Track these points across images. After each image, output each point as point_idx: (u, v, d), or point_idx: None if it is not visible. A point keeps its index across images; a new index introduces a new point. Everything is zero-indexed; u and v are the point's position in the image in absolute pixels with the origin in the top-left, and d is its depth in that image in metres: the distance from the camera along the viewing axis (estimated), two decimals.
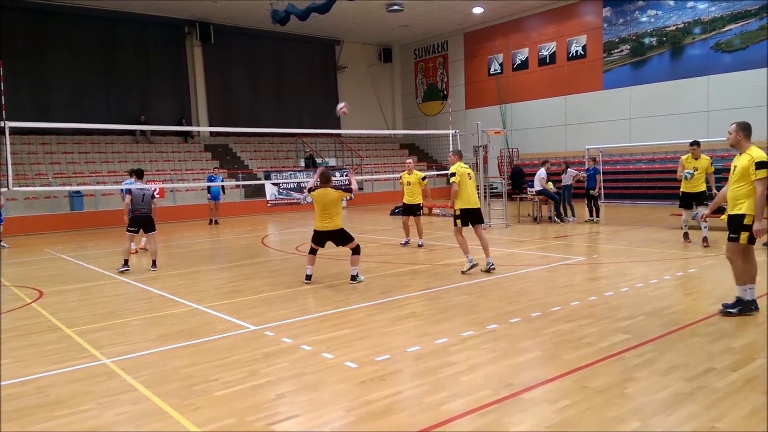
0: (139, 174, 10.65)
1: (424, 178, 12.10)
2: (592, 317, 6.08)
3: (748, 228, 5.76)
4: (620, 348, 5.04)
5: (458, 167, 8.92)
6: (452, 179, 8.84)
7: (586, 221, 15.41)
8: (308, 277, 8.43)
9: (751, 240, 5.84)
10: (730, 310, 5.93)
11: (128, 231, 10.24)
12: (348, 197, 8.51)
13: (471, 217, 8.95)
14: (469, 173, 8.99)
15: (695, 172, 10.74)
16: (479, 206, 9.09)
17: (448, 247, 11.83)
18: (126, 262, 10.15)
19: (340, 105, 11.82)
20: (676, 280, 7.87)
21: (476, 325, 5.93)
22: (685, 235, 11.04)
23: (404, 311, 6.65)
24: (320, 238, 8.45)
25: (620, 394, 4.07)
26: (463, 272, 8.77)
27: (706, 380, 4.27)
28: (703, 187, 10.87)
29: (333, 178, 8.60)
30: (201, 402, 4.20)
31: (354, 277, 8.37)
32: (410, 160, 12.84)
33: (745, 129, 5.97)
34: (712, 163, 11.04)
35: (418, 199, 12.01)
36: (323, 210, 8.29)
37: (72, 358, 5.33)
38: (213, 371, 4.83)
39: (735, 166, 5.95)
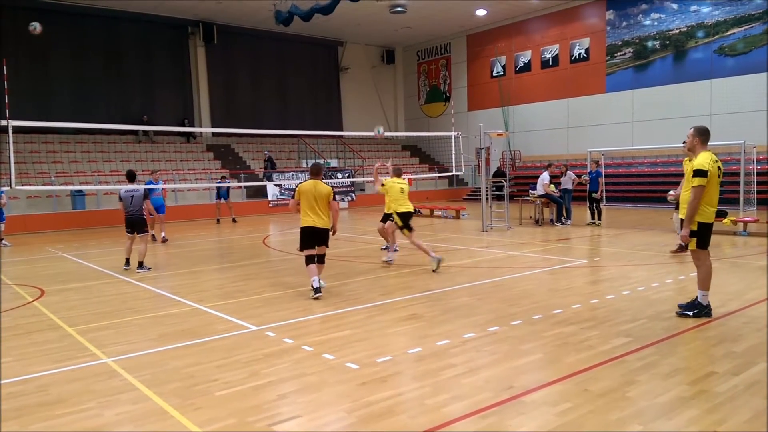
0: (128, 176, 10.48)
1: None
2: (594, 320, 6.08)
3: (695, 234, 5.92)
4: (622, 351, 5.03)
5: (389, 180, 10.17)
6: (381, 189, 10.21)
7: (587, 224, 15.40)
8: (318, 290, 7.44)
9: (701, 245, 5.97)
10: (686, 312, 6.08)
11: (126, 232, 10.42)
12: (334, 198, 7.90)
13: (406, 219, 9.77)
14: (401, 187, 9.98)
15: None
16: (407, 210, 9.83)
17: (451, 249, 11.82)
18: (127, 261, 10.34)
19: (380, 130, 13.21)
20: (678, 284, 7.86)
21: (477, 327, 5.92)
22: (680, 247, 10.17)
23: (405, 313, 6.65)
24: (310, 237, 7.64)
25: (622, 397, 4.07)
26: (433, 270, 9.24)
27: (707, 384, 4.26)
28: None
29: (336, 179, 8.51)
30: (202, 402, 4.20)
31: (318, 290, 7.49)
32: (388, 163, 12.46)
33: (701, 134, 6.05)
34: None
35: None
36: (312, 205, 7.60)
37: (73, 357, 5.34)
38: (214, 371, 4.83)
39: (687, 171, 6.12)
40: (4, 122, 9.69)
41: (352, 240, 14.01)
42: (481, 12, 26.81)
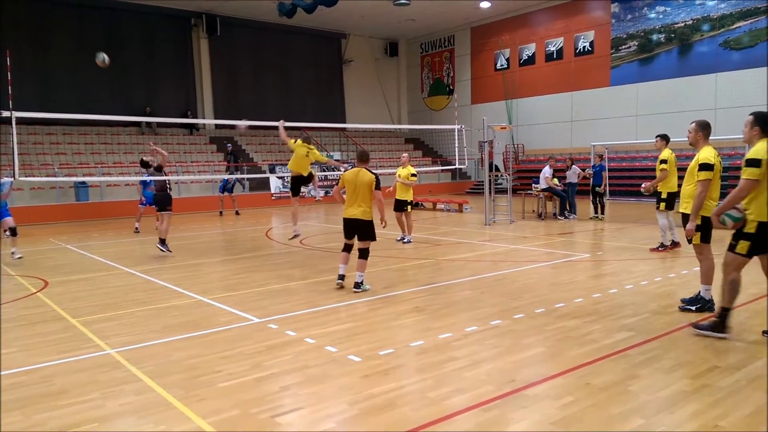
0: (142, 165, 11.82)
1: (414, 174, 11.93)
2: (596, 314, 6.08)
3: (699, 228, 5.92)
4: (624, 345, 5.04)
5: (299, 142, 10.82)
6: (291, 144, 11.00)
7: (591, 218, 15.38)
8: (340, 277, 7.55)
9: (703, 239, 5.99)
10: (688, 307, 6.12)
11: (156, 211, 11.34)
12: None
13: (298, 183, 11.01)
14: (307, 152, 10.78)
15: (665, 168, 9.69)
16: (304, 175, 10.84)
17: (453, 243, 11.83)
18: (161, 241, 10.98)
19: (101, 57, 11.89)
20: (681, 278, 7.85)
21: (480, 320, 5.93)
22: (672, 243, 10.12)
23: (408, 306, 6.66)
24: (349, 228, 7.49)
25: (624, 391, 4.07)
26: (289, 239, 11.22)
27: (709, 378, 4.27)
28: (662, 187, 9.73)
29: (340, 171, 8.39)
30: (205, 393, 4.22)
31: (359, 285, 7.38)
32: (405, 155, 12.51)
33: (704, 129, 6.06)
34: (661, 161, 9.99)
35: (406, 195, 11.86)
36: (353, 193, 7.35)
37: (77, 348, 5.36)
38: (217, 363, 4.85)
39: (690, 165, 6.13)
40: (7, 113, 9.69)
41: None
42: (485, 4, 26.67)
